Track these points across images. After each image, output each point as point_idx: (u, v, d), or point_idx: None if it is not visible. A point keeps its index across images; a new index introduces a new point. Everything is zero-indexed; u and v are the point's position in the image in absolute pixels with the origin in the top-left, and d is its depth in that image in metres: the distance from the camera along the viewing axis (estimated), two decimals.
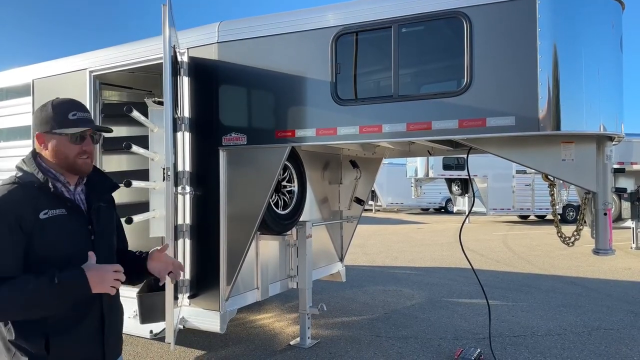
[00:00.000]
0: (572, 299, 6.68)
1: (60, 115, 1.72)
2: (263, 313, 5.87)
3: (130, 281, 1.88)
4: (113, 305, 1.88)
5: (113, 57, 4.52)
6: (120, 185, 1.96)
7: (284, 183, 4.64)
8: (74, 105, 1.78)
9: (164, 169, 3.19)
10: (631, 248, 11.33)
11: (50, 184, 1.70)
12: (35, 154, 1.76)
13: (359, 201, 5.88)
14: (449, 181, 19.54)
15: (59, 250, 1.66)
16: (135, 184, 3.78)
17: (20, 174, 1.71)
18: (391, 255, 10.86)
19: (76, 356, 1.73)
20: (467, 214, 5.57)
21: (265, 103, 3.76)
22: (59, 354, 1.66)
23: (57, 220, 1.67)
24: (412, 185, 18.91)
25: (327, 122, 3.55)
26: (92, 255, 1.69)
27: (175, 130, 3.64)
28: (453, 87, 3.30)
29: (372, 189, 6.45)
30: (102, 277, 1.64)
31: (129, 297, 4.22)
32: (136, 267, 1.92)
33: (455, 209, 22.44)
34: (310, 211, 5.28)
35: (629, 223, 11.37)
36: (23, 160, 1.76)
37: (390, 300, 6.55)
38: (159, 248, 1.96)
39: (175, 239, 3.68)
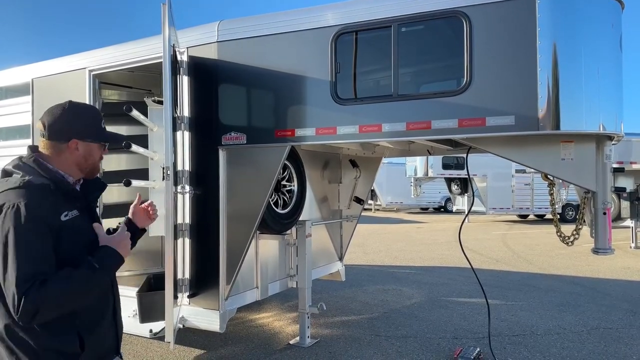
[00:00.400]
0: (571, 298, 6.68)
1: (97, 125, 1.84)
2: (262, 312, 5.88)
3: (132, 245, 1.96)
4: (118, 297, 1.95)
5: (112, 56, 4.51)
6: (107, 185, 2.02)
7: (284, 182, 4.64)
8: (100, 114, 1.93)
9: (163, 168, 3.19)
10: (630, 247, 11.34)
11: (72, 184, 1.78)
12: (38, 156, 1.75)
13: (359, 200, 5.88)
14: (449, 180, 19.55)
15: (80, 249, 1.70)
16: (135, 183, 3.78)
17: (28, 176, 1.66)
18: (391, 254, 10.86)
19: (101, 349, 1.80)
20: (466, 213, 5.57)
21: (265, 102, 3.76)
22: (90, 348, 1.72)
23: (75, 221, 1.71)
24: (412, 184, 18.91)
25: (327, 121, 3.55)
26: (98, 227, 1.80)
27: (174, 129, 3.63)
28: (453, 86, 3.30)
29: (372, 188, 6.46)
30: (123, 243, 1.80)
31: (128, 296, 4.23)
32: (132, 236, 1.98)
33: (454, 209, 22.44)
34: (309, 210, 5.28)
35: (628, 222, 11.38)
36: (22, 162, 1.72)
37: (390, 300, 6.55)
38: (134, 203, 2.09)
39: (175, 238, 3.68)
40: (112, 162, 5.23)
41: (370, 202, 25.69)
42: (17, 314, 1.51)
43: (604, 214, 3.34)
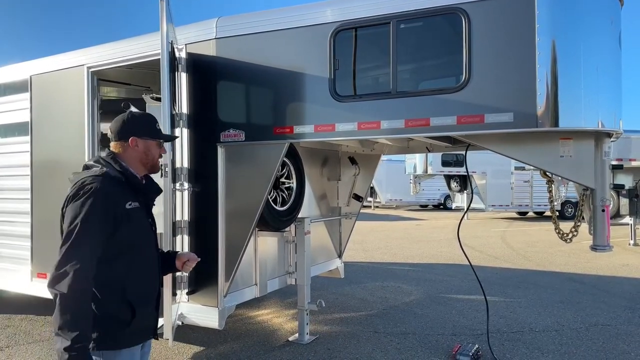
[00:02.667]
0: (570, 295, 6.70)
1: (151, 125, 2.18)
2: (261, 309, 5.88)
3: (165, 272, 2.37)
4: (162, 284, 2.34)
5: (111, 53, 4.50)
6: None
7: (283, 179, 4.64)
8: (154, 118, 2.25)
9: (161, 165, 3.19)
10: (629, 244, 11.36)
11: (138, 177, 2.11)
12: (114, 154, 2.09)
13: (358, 197, 5.88)
14: (448, 178, 19.54)
15: (137, 237, 2.04)
16: None
17: (105, 169, 2.00)
18: (390, 251, 10.88)
19: (145, 323, 2.09)
20: (465, 210, 5.57)
21: (264, 99, 3.75)
22: (138, 319, 2.01)
23: (136, 211, 2.03)
24: (411, 181, 18.91)
25: (326, 118, 3.55)
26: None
27: (173, 126, 3.63)
28: (451, 83, 3.29)
29: (371, 185, 6.46)
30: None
31: None
32: (169, 262, 2.37)
33: (454, 206, 22.45)
34: (308, 207, 5.28)
35: (627, 219, 11.39)
36: (101, 158, 2.08)
37: (389, 297, 6.56)
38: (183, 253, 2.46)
39: (174, 235, 3.69)
40: None
41: (369, 199, 25.69)
42: (48, 282, 1.83)
43: (603, 211, 3.34)
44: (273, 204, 4.41)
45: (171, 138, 2.50)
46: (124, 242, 1.96)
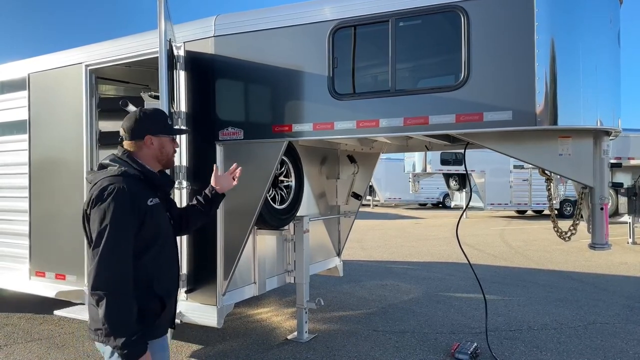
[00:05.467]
0: (568, 293, 6.70)
1: (164, 122, 2.25)
2: (260, 307, 5.88)
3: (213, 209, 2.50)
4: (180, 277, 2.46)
5: (109, 51, 4.49)
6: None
7: (281, 178, 4.63)
8: (165, 114, 2.36)
9: None
10: (627, 243, 11.37)
11: (156, 174, 2.18)
12: (129, 152, 2.15)
13: (357, 196, 5.87)
14: (447, 176, 19.58)
15: (160, 232, 2.11)
16: None
17: (123, 168, 2.05)
18: (389, 249, 10.88)
19: (170, 314, 2.20)
20: (464, 208, 5.57)
21: (262, 97, 3.74)
22: (167, 311, 2.13)
23: (157, 207, 2.11)
24: (410, 180, 18.93)
25: (324, 116, 3.54)
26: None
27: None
28: (450, 81, 3.29)
29: (370, 184, 6.46)
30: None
31: None
32: (212, 202, 2.48)
33: (453, 204, 22.49)
34: (307, 206, 5.27)
35: (626, 218, 11.41)
36: (116, 157, 2.11)
37: (388, 295, 6.56)
38: (214, 174, 2.52)
39: None
40: None
41: (368, 197, 25.71)
42: (90, 286, 1.90)
43: (601, 209, 3.34)
44: (272, 203, 4.41)
45: (183, 132, 2.50)
46: (148, 238, 2.04)
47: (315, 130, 3.58)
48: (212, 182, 2.50)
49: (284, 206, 4.58)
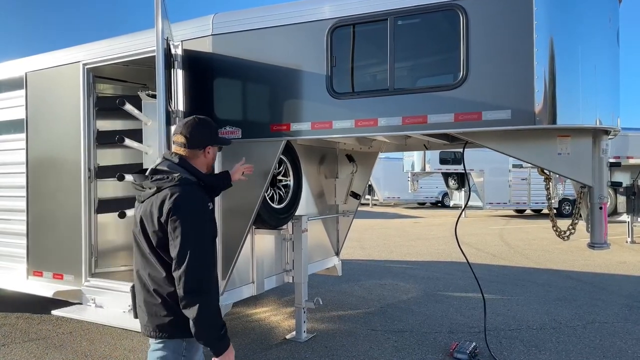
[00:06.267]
0: (567, 292, 6.70)
1: (217, 132, 2.48)
2: (259, 307, 5.87)
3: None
4: None
5: (107, 49, 4.47)
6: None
7: (280, 177, 4.62)
8: (214, 123, 2.51)
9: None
10: (626, 242, 11.38)
11: (214, 179, 2.45)
12: (185, 159, 2.27)
13: (355, 195, 5.87)
14: (446, 175, 19.58)
15: (216, 230, 2.31)
16: (129, 177, 3.75)
17: (184, 175, 2.18)
18: (388, 249, 10.87)
19: None
20: (462, 208, 5.56)
21: (260, 96, 3.73)
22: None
23: (213, 209, 2.30)
24: (409, 179, 18.93)
25: (323, 115, 3.52)
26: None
27: (169, 123, 3.60)
28: (449, 80, 3.27)
29: (369, 183, 6.45)
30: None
31: (123, 291, 4.22)
32: (222, 187, 2.65)
33: (452, 203, 22.49)
34: (306, 205, 5.26)
35: (625, 217, 11.41)
36: (173, 164, 2.22)
37: (386, 294, 6.56)
38: (240, 163, 2.86)
39: None
40: (107, 156, 5.19)
41: (367, 197, 25.71)
42: (183, 291, 2.03)
43: (600, 208, 3.33)
44: (270, 202, 4.39)
45: (228, 142, 2.71)
46: (212, 239, 2.23)
47: (313, 130, 3.56)
48: (232, 170, 2.73)
49: (282, 205, 4.57)
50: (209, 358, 2.15)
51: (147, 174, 2.24)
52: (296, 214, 4.76)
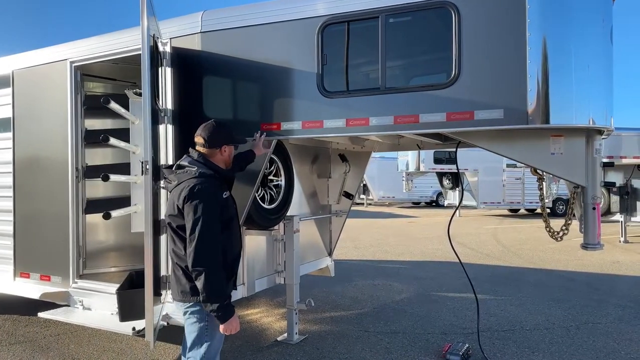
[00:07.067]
0: (560, 292, 6.69)
1: (232, 134, 2.88)
2: (251, 308, 5.81)
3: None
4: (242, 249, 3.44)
5: (95, 47, 4.39)
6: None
7: (271, 177, 4.56)
8: (228, 124, 3.13)
9: (142, 162, 3.09)
10: (619, 242, 11.41)
11: (229, 172, 2.84)
12: (204, 156, 2.73)
13: (348, 195, 5.81)
14: (440, 175, 19.56)
15: (231, 215, 2.73)
16: (114, 177, 3.68)
17: (201, 169, 2.63)
18: (382, 249, 10.84)
19: (235, 279, 2.87)
20: (456, 207, 5.52)
21: (250, 95, 3.67)
22: (234, 277, 2.84)
23: (229, 198, 2.75)
24: (404, 179, 18.91)
25: (313, 114, 3.47)
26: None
27: (156, 122, 3.54)
28: (441, 79, 3.22)
29: (364, 182, 6.41)
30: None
31: (112, 293, 4.15)
32: (248, 162, 3.32)
33: (446, 203, 22.46)
34: (298, 205, 5.20)
35: (618, 217, 11.43)
36: (194, 160, 2.69)
37: (380, 295, 6.52)
38: (257, 137, 3.52)
39: (159, 234, 3.59)
40: (97, 155, 5.11)
41: (362, 196, 25.68)
42: (192, 265, 2.49)
43: (594, 209, 3.30)
44: (261, 202, 4.33)
45: (243, 141, 3.11)
46: (224, 222, 2.62)
47: (304, 129, 3.51)
48: (253, 147, 3.39)
49: (273, 206, 4.51)
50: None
51: (173, 168, 2.73)
52: (288, 214, 4.71)
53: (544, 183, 3.82)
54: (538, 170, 3.57)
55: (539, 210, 18.59)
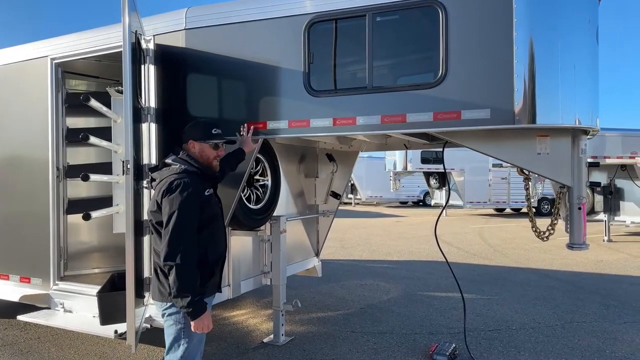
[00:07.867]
0: (546, 291, 6.73)
1: (207, 130, 2.78)
2: (236, 310, 5.75)
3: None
4: (229, 248, 3.59)
5: (76, 43, 4.30)
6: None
7: (257, 177, 4.50)
8: (214, 123, 2.93)
9: (123, 162, 3.02)
10: (603, 241, 11.55)
11: (211, 169, 2.77)
12: (187, 153, 2.71)
13: (336, 195, 5.78)
14: (427, 174, 19.66)
15: (214, 215, 2.68)
16: (94, 177, 3.59)
17: (184, 166, 2.61)
18: (369, 248, 10.83)
19: (218, 279, 2.81)
20: (443, 207, 5.52)
21: (235, 93, 3.61)
22: (216, 276, 2.76)
23: (212, 196, 2.70)
24: (391, 178, 18.95)
25: (300, 113, 3.43)
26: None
27: (139, 121, 3.46)
28: (428, 78, 3.21)
29: (352, 182, 6.39)
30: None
31: (93, 295, 4.05)
32: (238, 160, 3.26)
33: (433, 202, 22.59)
34: (285, 205, 5.16)
35: (602, 216, 11.58)
36: (178, 157, 2.67)
37: (367, 295, 6.50)
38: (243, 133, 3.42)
39: (141, 235, 3.52)
40: (79, 154, 5.00)
41: (350, 196, 25.69)
42: (162, 259, 2.44)
43: (579, 209, 3.31)
44: (247, 202, 4.28)
45: (222, 140, 2.84)
46: (205, 220, 2.57)
47: (290, 128, 3.47)
48: (241, 144, 3.29)
49: (259, 206, 4.46)
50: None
51: (159, 166, 2.74)
52: (275, 214, 4.66)
53: (530, 183, 3.83)
54: (524, 170, 3.57)
55: (524, 210, 18.78)
